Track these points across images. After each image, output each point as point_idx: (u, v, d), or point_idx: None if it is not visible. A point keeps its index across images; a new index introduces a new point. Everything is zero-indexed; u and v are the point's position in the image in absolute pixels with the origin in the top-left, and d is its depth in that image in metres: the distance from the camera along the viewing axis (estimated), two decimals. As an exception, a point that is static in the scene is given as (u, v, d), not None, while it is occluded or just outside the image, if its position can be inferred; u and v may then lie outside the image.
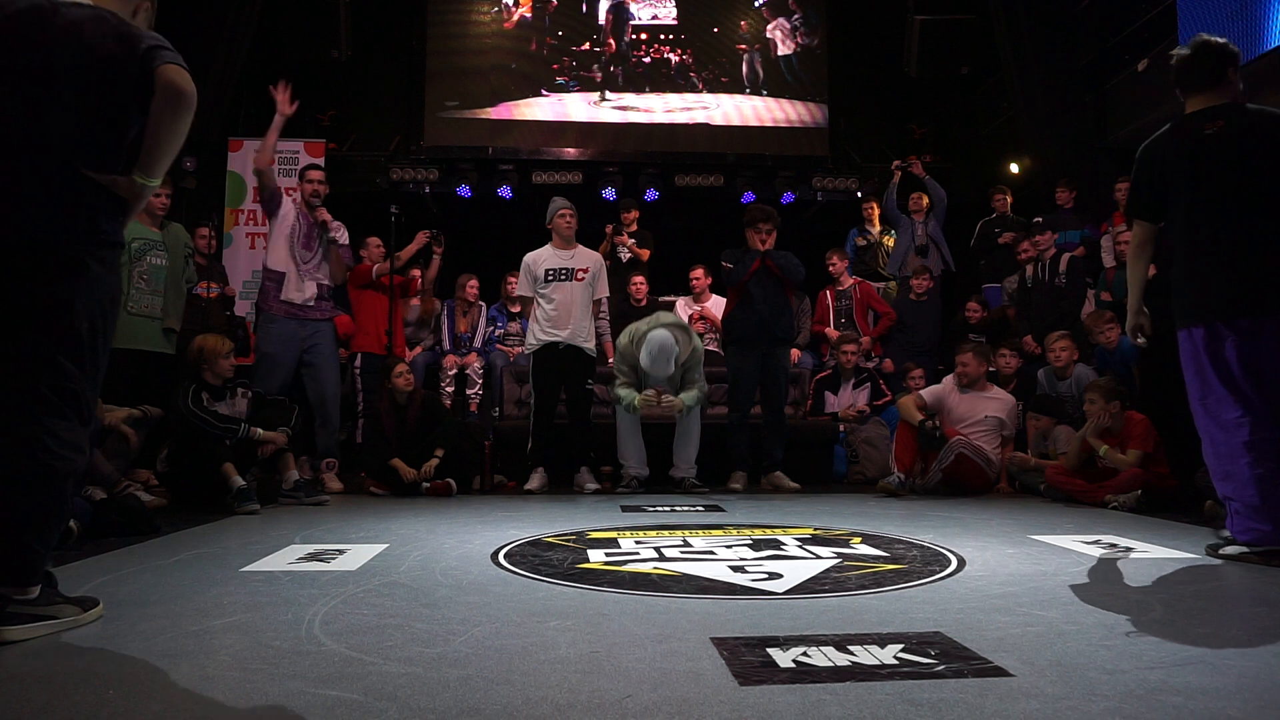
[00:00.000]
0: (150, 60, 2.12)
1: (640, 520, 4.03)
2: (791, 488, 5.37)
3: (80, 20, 2.13)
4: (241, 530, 3.67)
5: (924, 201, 7.49)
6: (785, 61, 9.48)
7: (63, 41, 2.11)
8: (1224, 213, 3.02)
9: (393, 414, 5.23)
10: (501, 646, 1.92)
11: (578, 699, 1.59)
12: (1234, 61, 3.18)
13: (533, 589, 2.56)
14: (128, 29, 2.17)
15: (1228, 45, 3.17)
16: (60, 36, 2.11)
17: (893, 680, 1.68)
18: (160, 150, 2.16)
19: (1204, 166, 3.06)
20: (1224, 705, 1.55)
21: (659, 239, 7.90)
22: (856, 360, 6.37)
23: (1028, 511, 4.33)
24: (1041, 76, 7.59)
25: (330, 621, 2.13)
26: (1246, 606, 2.30)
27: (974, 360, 5.37)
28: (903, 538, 3.48)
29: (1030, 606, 2.30)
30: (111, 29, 2.15)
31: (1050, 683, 1.67)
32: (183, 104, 2.13)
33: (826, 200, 9.26)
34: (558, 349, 5.31)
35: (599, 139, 9.28)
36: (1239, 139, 3.04)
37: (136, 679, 1.71)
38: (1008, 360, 5.88)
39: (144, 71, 2.12)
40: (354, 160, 8.91)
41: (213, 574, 2.75)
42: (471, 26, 9.37)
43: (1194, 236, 3.08)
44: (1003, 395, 5.44)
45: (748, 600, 2.42)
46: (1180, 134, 3.15)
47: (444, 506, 4.56)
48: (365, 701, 1.57)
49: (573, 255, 5.47)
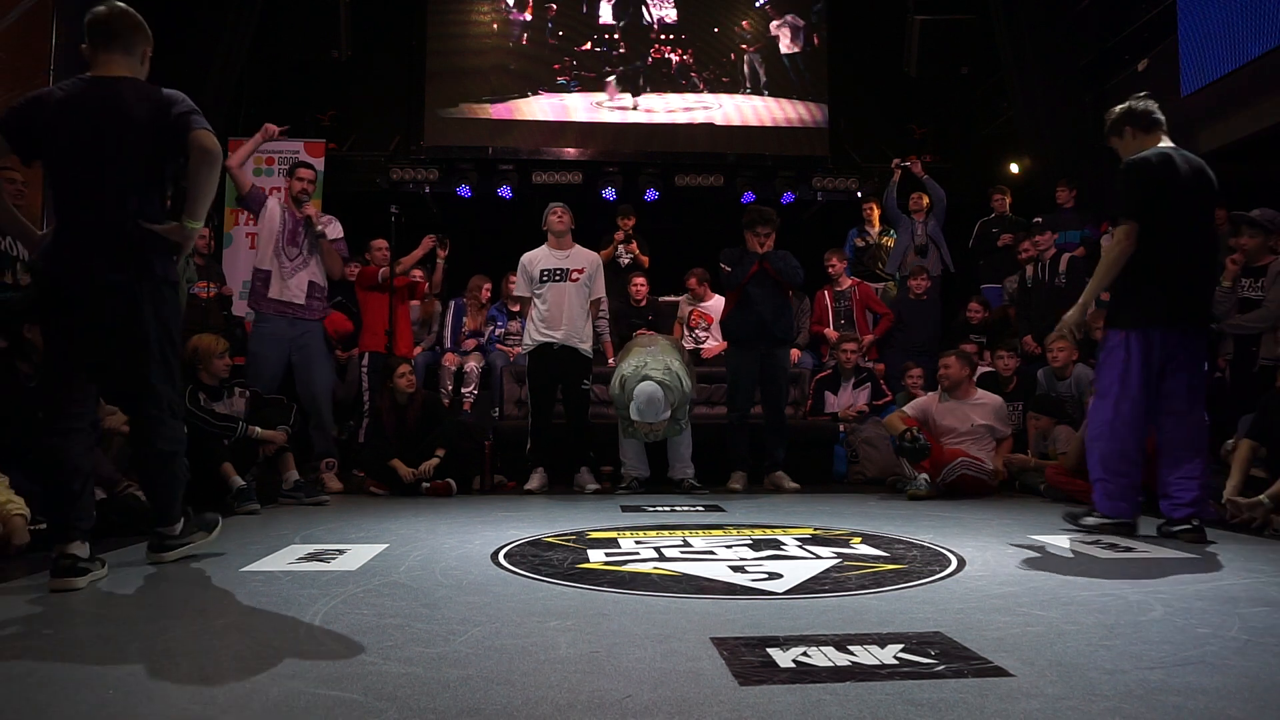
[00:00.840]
0: (185, 126, 2.62)
1: (640, 520, 4.03)
2: (792, 488, 5.37)
3: (120, 93, 2.63)
4: (241, 530, 3.67)
5: (924, 202, 7.49)
6: (790, 60, 9.46)
7: (111, 114, 2.60)
8: (1178, 238, 3.45)
9: (393, 414, 5.23)
10: (501, 646, 1.93)
11: (578, 699, 1.59)
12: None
13: (533, 589, 2.56)
14: (158, 95, 2.67)
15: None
16: (109, 110, 2.60)
17: (893, 680, 1.68)
18: (200, 198, 2.66)
19: (1172, 195, 3.45)
20: (1224, 705, 1.55)
21: (660, 239, 7.90)
22: (856, 360, 6.36)
23: (1028, 511, 4.32)
24: (1041, 76, 7.58)
25: (330, 621, 2.13)
26: (1246, 606, 2.30)
27: (956, 363, 5.23)
28: (903, 538, 3.48)
29: (1030, 606, 2.31)
30: (145, 97, 2.65)
31: (1050, 683, 1.67)
32: (214, 161, 2.64)
33: (826, 200, 9.26)
34: (552, 349, 5.30)
35: (599, 139, 9.27)
36: (1192, 177, 3.50)
37: (136, 679, 1.71)
38: (1006, 362, 5.86)
39: (179, 134, 2.62)
40: (354, 160, 8.91)
41: (213, 574, 2.75)
42: (471, 26, 9.36)
43: (1157, 252, 3.44)
44: (989, 399, 5.30)
45: (748, 600, 2.42)
46: (1171, 163, 3.50)
47: (444, 506, 4.56)
48: (365, 701, 1.57)
49: (568, 255, 5.45)
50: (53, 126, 2.60)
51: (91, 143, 2.58)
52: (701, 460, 5.45)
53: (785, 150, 9.34)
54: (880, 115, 9.53)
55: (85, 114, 2.60)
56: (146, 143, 2.62)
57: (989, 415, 5.24)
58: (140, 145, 2.61)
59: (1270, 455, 3.89)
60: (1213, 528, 3.73)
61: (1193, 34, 6.28)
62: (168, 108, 2.62)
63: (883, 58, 9.02)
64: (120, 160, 2.59)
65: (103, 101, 2.61)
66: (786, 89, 9.44)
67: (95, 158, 2.59)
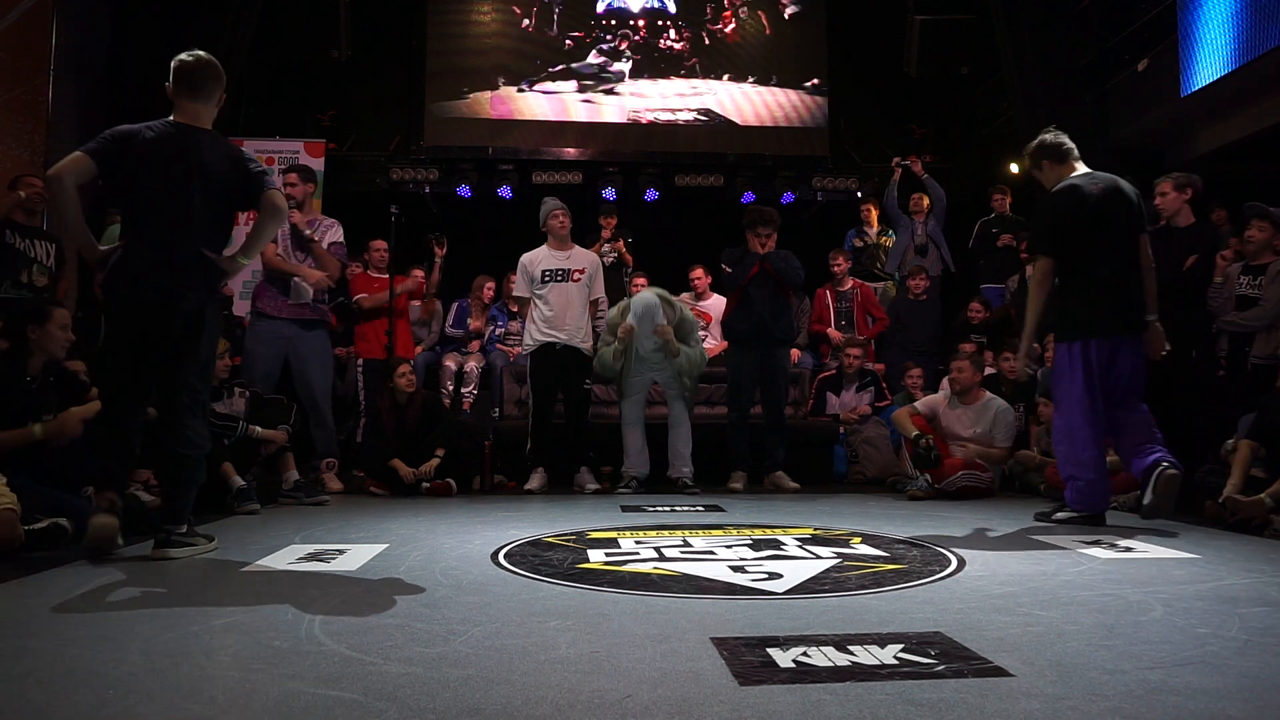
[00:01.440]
0: (260, 185, 3.10)
1: (640, 520, 4.03)
2: (792, 488, 5.37)
3: (201, 144, 3.06)
4: (241, 530, 3.67)
5: (924, 202, 7.48)
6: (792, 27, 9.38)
7: (192, 161, 3.01)
8: (1098, 256, 3.84)
9: (393, 414, 5.23)
10: (501, 646, 1.93)
11: (578, 699, 1.59)
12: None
13: (533, 589, 2.56)
14: (236, 153, 3.16)
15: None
16: (191, 157, 3.02)
17: (893, 680, 1.68)
18: (259, 243, 3.20)
19: (1095, 219, 3.83)
20: (1224, 705, 1.55)
21: (660, 239, 7.90)
22: (860, 364, 6.34)
23: (1028, 511, 4.32)
24: (1041, 76, 7.57)
25: (330, 621, 2.13)
26: (1246, 606, 2.30)
27: (969, 368, 5.22)
28: (903, 538, 3.48)
29: (1030, 606, 2.31)
30: (224, 152, 3.11)
31: (1050, 683, 1.67)
32: (282, 218, 3.23)
33: (826, 200, 9.25)
34: (555, 349, 5.30)
35: (599, 139, 9.27)
36: (1110, 199, 3.86)
37: (136, 679, 1.71)
38: (1011, 365, 5.82)
39: (253, 190, 3.10)
40: (354, 160, 8.90)
41: (213, 574, 2.75)
42: (471, 26, 9.35)
43: (1089, 272, 3.84)
44: (994, 406, 5.25)
45: (748, 600, 2.42)
46: (1077, 192, 3.87)
47: (444, 506, 4.56)
48: (365, 701, 1.57)
49: (569, 255, 5.46)
50: (140, 166, 2.98)
51: (176, 188, 3.01)
52: (701, 460, 5.45)
53: (785, 150, 9.34)
54: (880, 115, 9.52)
55: (171, 161, 3.00)
56: (221, 193, 3.09)
57: (992, 424, 5.20)
58: (217, 195, 3.08)
59: (1270, 455, 3.89)
60: (1213, 527, 3.76)
61: (1193, 34, 6.28)
62: (244, 165, 3.12)
63: (883, 58, 9.02)
64: (199, 205, 3.03)
65: (187, 153, 3.02)
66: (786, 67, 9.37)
67: (178, 201, 3.01)
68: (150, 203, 3.01)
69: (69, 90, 6.39)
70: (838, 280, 7.03)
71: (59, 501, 3.33)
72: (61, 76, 6.34)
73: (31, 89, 6.18)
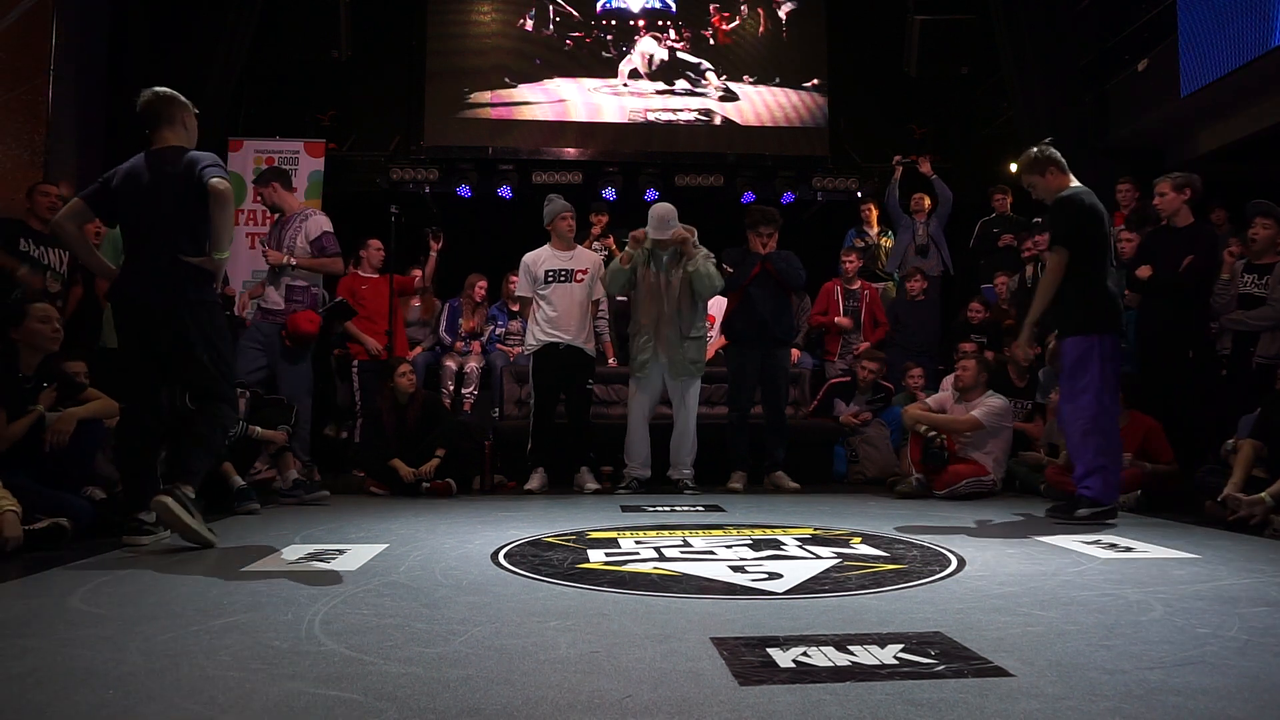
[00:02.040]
0: (203, 177, 3.21)
1: (640, 520, 4.03)
2: (792, 488, 5.37)
3: (164, 160, 3.34)
4: (241, 530, 3.67)
5: (925, 203, 7.47)
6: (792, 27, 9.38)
7: (160, 178, 3.31)
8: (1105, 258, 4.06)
9: (393, 414, 5.23)
10: (501, 646, 1.93)
11: (578, 699, 1.59)
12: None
13: (533, 589, 2.56)
14: (190, 157, 3.32)
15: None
16: (157, 175, 3.32)
17: (893, 680, 1.68)
18: (221, 233, 3.28)
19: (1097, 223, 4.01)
20: (1224, 705, 1.55)
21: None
22: (876, 379, 6.29)
23: (1027, 511, 4.33)
24: (1041, 76, 7.57)
25: (330, 621, 2.13)
26: (1246, 606, 2.30)
27: (974, 367, 5.22)
28: (903, 538, 3.48)
29: (1030, 606, 2.31)
30: (181, 159, 3.32)
31: (1050, 683, 1.67)
32: (224, 201, 3.20)
33: (826, 200, 9.24)
34: (558, 350, 5.30)
35: (599, 139, 9.26)
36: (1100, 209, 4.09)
37: (136, 679, 1.71)
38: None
39: (201, 185, 3.21)
40: (354, 160, 8.89)
41: (213, 574, 2.75)
42: (471, 26, 9.34)
43: (1096, 270, 3.97)
44: (993, 404, 5.17)
45: (748, 600, 2.42)
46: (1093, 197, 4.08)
47: (444, 506, 4.56)
48: (365, 701, 1.57)
49: (572, 256, 5.47)
50: (123, 197, 3.35)
51: (146, 202, 3.31)
52: (701, 460, 5.44)
53: (785, 150, 9.33)
54: (880, 115, 9.52)
55: (140, 180, 3.33)
56: (181, 196, 3.28)
57: (985, 416, 5.14)
58: (177, 199, 3.28)
59: (1271, 455, 3.90)
60: (1213, 527, 3.75)
61: (1193, 34, 6.27)
62: (194, 166, 3.27)
63: (883, 58, 9.02)
64: (165, 212, 3.29)
65: (152, 170, 3.34)
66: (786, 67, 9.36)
67: (149, 213, 3.31)
68: (134, 223, 3.38)
69: (69, 90, 6.39)
70: (848, 279, 6.97)
71: (59, 501, 3.35)
72: (61, 76, 6.33)
73: (31, 89, 6.18)
